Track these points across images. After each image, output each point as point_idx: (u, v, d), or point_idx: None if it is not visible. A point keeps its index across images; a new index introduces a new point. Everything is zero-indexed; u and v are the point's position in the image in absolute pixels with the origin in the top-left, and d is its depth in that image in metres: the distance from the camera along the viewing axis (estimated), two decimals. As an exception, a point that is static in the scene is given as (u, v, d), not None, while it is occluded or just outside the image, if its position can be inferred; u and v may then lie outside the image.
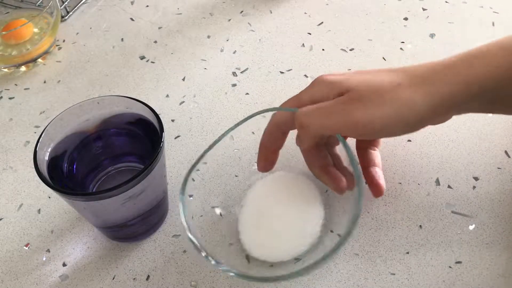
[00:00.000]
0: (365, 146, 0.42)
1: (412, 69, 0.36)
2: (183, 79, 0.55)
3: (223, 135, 0.39)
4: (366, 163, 0.41)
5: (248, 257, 0.39)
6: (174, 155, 0.48)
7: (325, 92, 0.37)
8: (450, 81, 0.34)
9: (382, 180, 0.40)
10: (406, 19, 0.59)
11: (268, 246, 0.39)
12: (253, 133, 0.40)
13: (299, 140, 0.38)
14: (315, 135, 0.36)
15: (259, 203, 0.41)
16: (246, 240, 0.39)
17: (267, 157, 0.40)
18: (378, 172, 0.41)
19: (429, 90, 0.34)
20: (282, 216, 0.39)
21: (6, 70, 0.59)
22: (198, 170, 0.38)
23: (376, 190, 0.40)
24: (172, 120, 0.51)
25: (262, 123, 0.40)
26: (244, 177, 0.42)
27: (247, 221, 0.40)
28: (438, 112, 0.35)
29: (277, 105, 0.48)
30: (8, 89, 0.57)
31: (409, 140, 0.46)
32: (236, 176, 0.42)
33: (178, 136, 0.49)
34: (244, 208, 0.41)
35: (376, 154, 0.42)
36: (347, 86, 0.36)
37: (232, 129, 0.39)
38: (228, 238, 0.40)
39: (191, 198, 0.39)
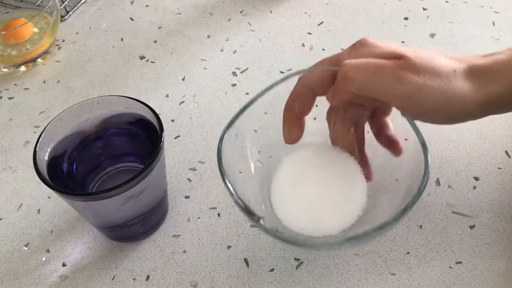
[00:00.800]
0: (378, 114, 0.39)
1: (467, 59, 0.34)
2: (183, 79, 0.55)
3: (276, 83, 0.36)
4: (380, 127, 0.38)
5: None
6: (174, 155, 0.48)
7: (373, 54, 0.33)
8: (503, 81, 0.33)
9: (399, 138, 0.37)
10: (406, 19, 0.59)
11: (312, 221, 0.35)
12: (255, 131, 0.39)
13: (332, 95, 0.34)
14: (356, 92, 0.33)
15: (293, 177, 0.37)
16: (284, 218, 0.36)
17: (294, 124, 0.36)
18: (393, 131, 0.38)
19: (482, 86, 0.33)
20: (323, 187, 0.36)
21: (5, 70, 0.59)
22: (195, 169, 0.38)
23: (396, 147, 0.37)
24: (172, 120, 0.51)
25: (264, 118, 0.38)
26: (247, 174, 0.39)
27: (282, 197, 0.36)
28: (483, 110, 0.34)
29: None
30: (8, 89, 0.57)
31: (406, 139, 0.46)
32: (240, 172, 0.39)
33: (178, 136, 0.49)
34: (275, 185, 0.37)
35: (388, 121, 0.38)
36: (402, 52, 0.33)
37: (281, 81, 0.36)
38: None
39: (188, 199, 0.39)
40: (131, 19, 0.64)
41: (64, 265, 0.41)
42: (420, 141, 0.33)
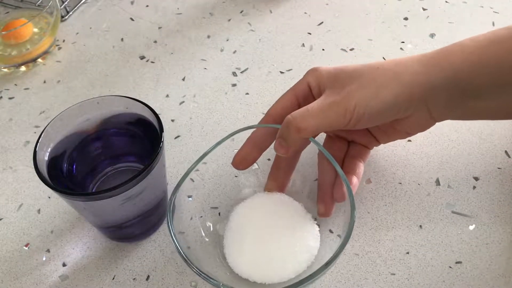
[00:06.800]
0: (354, 155, 0.42)
1: (395, 59, 0.38)
2: (183, 79, 0.55)
3: (224, 139, 0.39)
4: (348, 170, 0.40)
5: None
6: (174, 155, 0.48)
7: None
8: (429, 68, 0.36)
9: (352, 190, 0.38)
10: (406, 19, 0.59)
11: (264, 269, 0.36)
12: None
13: (286, 148, 0.37)
14: (311, 135, 0.36)
15: (243, 227, 0.38)
16: (235, 263, 0.37)
17: (248, 154, 0.39)
18: (354, 182, 0.40)
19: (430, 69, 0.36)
20: (274, 234, 0.37)
21: (6, 70, 0.59)
22: (197, 170, 0.38)
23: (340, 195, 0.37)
24: (172, 120, 0.51)
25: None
26: (244, 177, 0.42)
27: (233, 241, 0.38)
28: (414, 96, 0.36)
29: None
30: (8, 89, 0.57)
31: (409, 140, 0.46)
32: (236, 176, 0.42)
33: (178, 136, 0.49)
34: (227, 238, 0.39)
35: (361, 166, 0.41)
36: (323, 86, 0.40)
37: (233, 134, 0.39)
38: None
39: (190, 199, 0.39)
40: (131, 19, 0.64)
41: (64, 265, 0.41)
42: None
